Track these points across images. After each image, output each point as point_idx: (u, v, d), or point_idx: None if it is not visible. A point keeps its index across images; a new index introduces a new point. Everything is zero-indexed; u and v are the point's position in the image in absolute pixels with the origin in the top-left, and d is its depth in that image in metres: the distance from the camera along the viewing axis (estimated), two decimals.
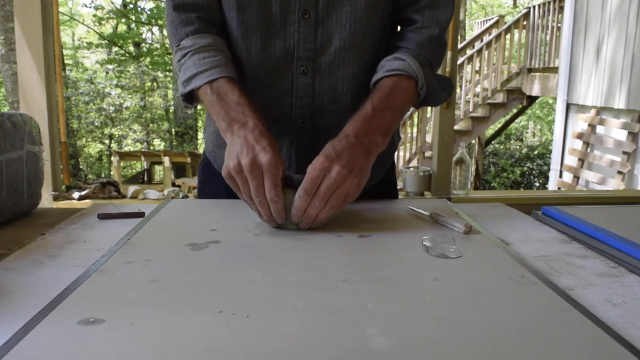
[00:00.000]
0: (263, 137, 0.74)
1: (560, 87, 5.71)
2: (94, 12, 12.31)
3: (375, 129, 0.78)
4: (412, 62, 0.84)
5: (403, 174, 2.76)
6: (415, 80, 0.84)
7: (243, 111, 0.78)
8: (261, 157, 0.71)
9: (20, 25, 2.39)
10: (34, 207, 0.90)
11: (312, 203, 0.71)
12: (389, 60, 0.86)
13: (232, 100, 0.79)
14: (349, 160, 0.72)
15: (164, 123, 12.43)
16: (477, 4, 15.58)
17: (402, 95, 0.84)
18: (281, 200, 0.72)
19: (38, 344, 0.42)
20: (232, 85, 0.81)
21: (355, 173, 0.72)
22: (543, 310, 0.50)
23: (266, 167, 0.71)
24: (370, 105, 0.80)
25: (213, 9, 0.87)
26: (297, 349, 0.42)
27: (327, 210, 0.72)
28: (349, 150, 0.73)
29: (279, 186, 0.71)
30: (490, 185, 10.18)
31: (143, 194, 2.77)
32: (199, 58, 0.83)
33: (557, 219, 0.83)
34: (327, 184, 0.71)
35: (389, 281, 0.57)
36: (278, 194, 0.71)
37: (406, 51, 0.87)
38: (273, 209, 0.72)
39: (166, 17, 0.90)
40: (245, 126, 0.76)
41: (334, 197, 0.72)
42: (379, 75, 0.85)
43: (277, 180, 0.71)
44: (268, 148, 0.72)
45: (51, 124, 2.50)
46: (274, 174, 0.71)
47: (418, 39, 0.88)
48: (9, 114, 0.83)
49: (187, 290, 0.53)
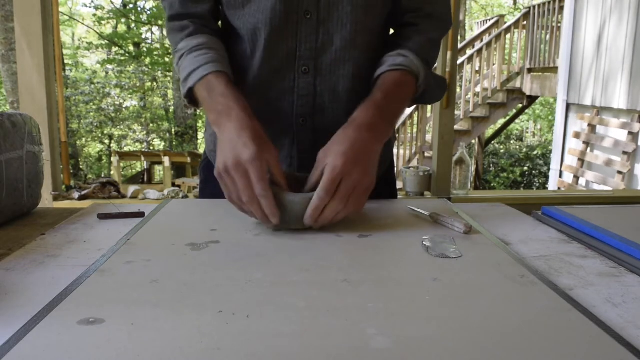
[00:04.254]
0: (245, 131, 0.73)
1: (560, 87, 5.71)
2: (94, 12, 12.32)
3: (385, 118, 0.81)
4: (415, 59, 0.87)
5: (403, 174, 2.76)
6: (416, 78, 0.87)
7: (228, 103, 0.78)
8: (243, 154, 0.70)
9: (20, 25, 2.39)
10: (34, 207, 0.90)
11: (331, 205, 0.71)
12: (392, 56, 0.87)
13: (218, 93, 0.80)
14: (364, 159, 0.74)
15: (164, 123, 12.43)
16: (477, 4, 15.58)
17: (406, 89, 0.87)
18: (270, 195, 0.70)
19: (38, 344, 0.42)
20: (219, 79, 0.82)
21: (370, 171, 0.75)
22: (543, 310, 0.50)
23: (249, 164, 0.70)
24: (380, 94, 0.82)
25: (207, 17, 0.90)
26: (297, 349, 0.42)
27: (345, 211, 0.73)
28: (365, 147, 0.75)
29: (265, 180, 0.70)
30: (490, 185, 10.18)
31: (143, 194, 2.77)
32: (192, 57, 0.85)
33: (557, 219, 0.83)
34: (346, 186, 0.72)
35: (389, 281, 0.57)
36: (265, 188, 0.69)
37: (408, 48, 0.88)
38: (264, 205, 0.70)
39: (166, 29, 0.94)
40: (230, 118, 0.76)
41: (352, 201, 0.73)
42: (383, 68, 0.86)
43: (261, 174, 0.70)
44: (249, 143, 0.71)
45: (51, 124, 2.50)
46: (258, 168, 0.70)
47: (418, 39, 0.90)
48: (9, 114, 0.83)
49: (187, 290, 0.53)
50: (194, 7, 0.89)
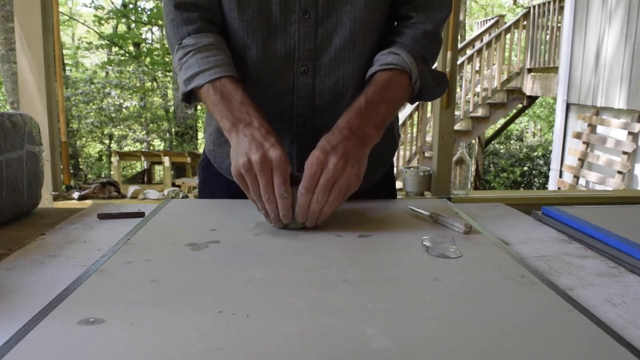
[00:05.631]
0: (270, 135, 0.74)
1: (560, 87, 5.71)
2: (94, 12, 12.32)
3: (369, 122, 0.79)
4: (406, 57, 0.85)
5: (403, 174, 2.76)
6: (409, 75, 0.85)
7: (247, 111, 0.78)
8: (271, 153, 0.71)
9: (20, 25, 2.39)
10: (34, 207, 0.90)
11: (314, 198, 0.71)
12: (384, 55, 0.86)
13: (236, 100, 0.79)
14: (344, 151, 0.73)
15: (163, 123, 12.42)
16: (477, 4, 15.57)
17: (396, 89, 0.85)
18: (289, 197, 0.72)
19: (38, 344, 0.42)
20: (235, 85, 0.81)
21: (352, 162, 0.73)
22: (543, 310, 0.50)
23: (276, 163, 0.71)
24: (364, 99, 0.81)
25: (214, 9, 0.87)
26: (297, 349, 0.42)
27: (331, 203, 0.72)
28: (343, 142, 0.74)
29: (289, 182, 0.71)
30: (490, 185, 10.18)
31: (143, 194, 2.77)
32: (201, 57, 0.83)
33: (557, 219, 0.83)
34: (326, 177, 0.71)
35: (389, 281, 0.57)
36: (287, 190, 0.71)
37: (401, 46, 0.87)
38: (281, 205, 0.72)
39: (166, 16, 0.89)
40: (251, 125, 0.76)
41: (335, 189, 0.72)
42: (373, 69, 0.86)
43: (286, 176, 0.71)
44: (277, 145, 0.73)
45: (51, 124, 2.50)
46: (284, 170, 0.71)
47: (413, 34, 0.88)
48: (9, 114, 0.83)
49: (187, 290, 0.53)
50: None
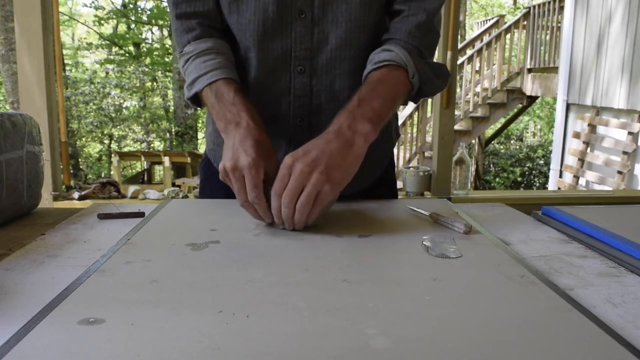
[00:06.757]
0: (249, 138, 0.74)
1: (560, 87, 5.71)
2: (94, 12, 12.32)
3: (362, 118, 0.76)
4: (400, 52, 0.83)
5: (403, 174, 2.76)
6: (405, 69, 0.83)
7: (237, 111, 0.79)
8: (241, 160, 0.72)
9: (20, 25, 2.39)
10: (34, 207, 0.90)
11: (283, 203, 0.71)
12: (377, 53, 0.86)
13: (228, 101, 0.81)
14: (316, 157, 0.71)
15: (163, 123, 12.42)
16: (477, 4, 15.57)
17: (392, 84, 0.83)
18: (263, 201, 0.72)
19: (38, 344, 0.42)
20: (228, 86, 0.82)
21: (322, 170, 0.70)
22: (543, 310, 0.50)
23: (245, 170, 0.72)
24: (357, 97, 0.79)
25: (213, 15, 0.89)
26: (297, 349, 0.42)
27: (301, 210, 0.70)
28: (320, 147, 0.72)
29: (259, 187, 0.72)
30: (490, 185, 10.18)
31: (143, 194, 2.77)
32: (199, 62, 0.85)
33: (557, 219, 0.83)
34: (291, 183, 0.70)
35: (388, 281, 0.57)
36: (258, 196, 0.72)
37: (394, 41, 0.86)
38: (258, 209, 0.73)
39: (171, 27, 0.92)
40: (239, 126, 0.77)
41: (303, 196, 0.70)
42: (368, 68, 0.85)
43: (256, 181, 0.71)
44: (250, 150, 0.73)
45: (51, 124, 2.50)
46: (253, 176, 0.71)
47: (405, 27, 0.86)
48: (9, 114, 0.83)
49: (187, 290, 0.53)
50: (199, 4, 0.88)
